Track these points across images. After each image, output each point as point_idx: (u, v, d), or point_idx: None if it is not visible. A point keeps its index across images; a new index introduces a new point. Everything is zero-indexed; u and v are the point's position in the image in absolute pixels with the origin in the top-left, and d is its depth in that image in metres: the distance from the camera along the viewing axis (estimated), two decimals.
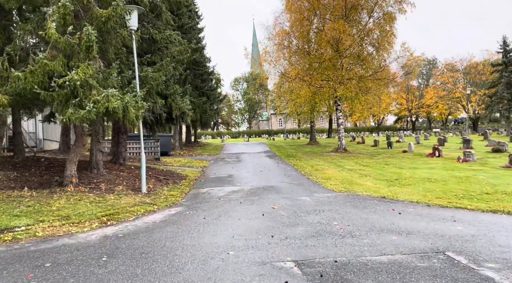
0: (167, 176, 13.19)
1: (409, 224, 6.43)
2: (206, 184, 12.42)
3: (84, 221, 7.25)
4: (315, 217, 7.12)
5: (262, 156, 23.27)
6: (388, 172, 13.90)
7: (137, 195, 9.70)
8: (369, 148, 27.25)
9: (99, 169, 11.10)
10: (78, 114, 7.81)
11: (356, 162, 17.78)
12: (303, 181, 12.49)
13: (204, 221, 7.11)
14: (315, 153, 23.92)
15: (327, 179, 12.54)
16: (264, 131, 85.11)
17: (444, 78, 64.61)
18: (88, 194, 9.03)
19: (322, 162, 18.11)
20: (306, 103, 22.57)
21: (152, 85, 10.49)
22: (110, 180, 10.76)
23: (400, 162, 17.56)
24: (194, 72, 27.14)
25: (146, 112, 10.81)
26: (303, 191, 10.46)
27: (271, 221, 6.92)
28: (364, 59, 21.17)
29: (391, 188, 10.50)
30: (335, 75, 20.80)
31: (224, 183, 12.50)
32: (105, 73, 8.88)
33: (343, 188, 10.80)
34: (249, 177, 13.86)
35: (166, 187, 11.39)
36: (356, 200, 8.92)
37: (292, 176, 13.92)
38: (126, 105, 8.45)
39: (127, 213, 7.93)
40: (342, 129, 22.64)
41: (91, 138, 11.29)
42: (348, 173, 14.18)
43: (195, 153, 26.65)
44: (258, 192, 10.43)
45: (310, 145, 31.61)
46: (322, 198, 9.23)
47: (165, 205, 8.90)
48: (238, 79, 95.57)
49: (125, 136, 13.55)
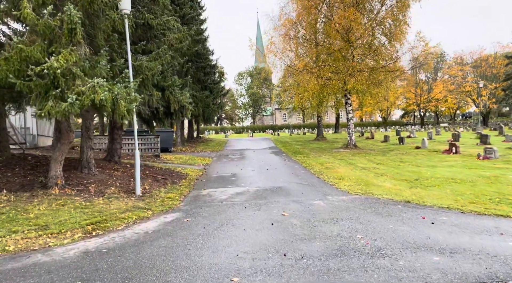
0: (166, 176, 12.18)
1: (449, 239, 5.35)
2: (207, 184, 11.40)
3: (65, 231, 6.25)
4: (333, 228, 6.07)
5: (267, 153, 22.21)
6: (406, 171, 12.79)
7: (130, 198, 8.69)
8: (380, 144, 26.09)
9: (90, 169, 10.11)
10: (59, 108, 6.79)
11: (369, 160, 16.67)
12: (313, 181, 11.43)
13: (203, 232, 6.08)
14: (324, 149, 22.81)
15: (340, 179, 11.47)
16: (268, 126, 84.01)
17: (453, 72, 62.91)
18: (74, 197, 8.03)
19: (332, 160, 17.02)
20: (314, 97, 21.42)
21: (147, 75, 9.44)
22: (101, 180, 9.76)
23: (416, 159, 16.43)
24: (196, 65, 26.05)
25: (140, 106, 9.78)
26: (315, 194, 9.40)
27: (282, 233, 5.87)
28: (376, 50, 19.95)
29: (414, 190, 9.40)
30: (345, 67, 19.62)
31: (227, 183, 11.47)
32: (92, 61, 7.84)
33: (359, 189, 9.73)
34: (255, 176, 12.82)
35: (164, 188, 10.38)
36: (376, 205, 7.85)
37: (300, 175, 12.86)
38: (116, 97, 7.42)
39: (117, 221, 6.92)
40: (352, 124, 21.51)
41: (81, 134, 10.29)
42: (361, 172, 13.09)
43: (198, 149, 25.64)
44: (265, 195, 9.39)
45: (317, 140, 30.48)
46: (338, 202, 8.17)
47: (160, 210, 7.89)
48: (242, 74, 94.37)
49: (120, 131, 12.55)
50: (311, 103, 21.98)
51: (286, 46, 22.79)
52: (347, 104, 21.44)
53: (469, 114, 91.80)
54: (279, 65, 22.83)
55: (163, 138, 22.10)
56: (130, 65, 9.00)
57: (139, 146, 19.80)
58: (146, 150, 19.85)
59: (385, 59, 20.33)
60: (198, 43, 25.51)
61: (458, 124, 72.49)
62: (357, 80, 19.11)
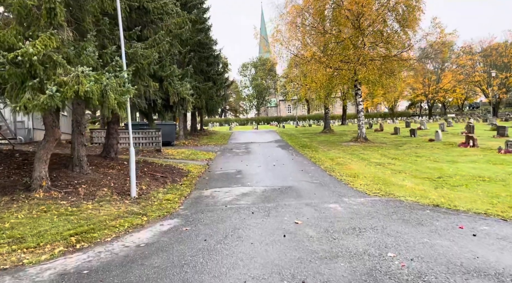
0: (166, 173, 11.29)
1: (502, 259, 4.40)
2: (210, 183, 10.50)
3: (44, 244, 5.38)
4: (357, 242, 5.14)
5: (273, 147, 21.26)
6: (425, 168, 11.81)
7: (124, 201, 7.80)
8: (390, 137, 25.04)
9: (82, 167, 9.23)
10: (37, 101, 5.86)
11: (382, 154, 15.68)
12: (325, 180, 10.49)
13: (204, 246, 5.18)
14: (332, 142, 21.82)
15: (355, 177, 10.51)
16: (273, 118, 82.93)
17: (462, 61, 61.18)
18: (60, 201, 7.15)
19: (342, 154, 16.04)
20: (322, 87, 20.36)
21: (143, 64, 8.48)
22: (94, 180, 8.88)
23: (432, 153, 15.41)
24: (199, 55, 25.03)
25: (135, 98, 8.84)
26: (329, 195, 8.47)
27: (297, 249, 4.96)
28: (388, 37, 18.78)
29: (440, 191, 8.43)
30: (355, 56, 18.50)
31: (232, 182, 10.57)
32: (78, 47, 6.89)
33: (378, 189, 8.78)
34: (261, 173, 11.90)
35: (163, 188, 9.49)
36: (401, 209, 6.90)
37: (310, 172, 11.92)
38: (105, 88, 6.49)
39: (106, 230, 6.04)
40: (363, 116, 20.43)
41: (72, 129, 9.40)
42: (377, 168, 12.12)
43: (201, 142, 24.74)
44: (273, 196, 8.47)
45: (325, 133, 29.45)
46: (357, 206, 7.23)
47: (157, 215, 7.00)
48: (246, 65, 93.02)
49: (116, 126, 11.64)
50: (319, 94, 20.90)
51: (292, 35, 21.66)
52: (357, 95, 20.37)
53: (476, 104, 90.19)
54: (285, 54, 21.75)
55: (164, 131, 21.22)
56: (123, 53, 8.04)
57: (139, 140, 18.97)
58: (146, 144, 19.00)
59: (398, 47, 19.17)
60: (200, 32, 24.47)
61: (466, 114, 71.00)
62: (368, 70, 18.01)
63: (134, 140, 18.90)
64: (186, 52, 22.44)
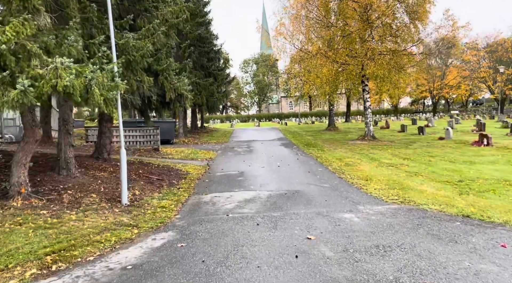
0: (162, 175, 10.47)
1: None
2: (210, 186, 9.67)
3: (13, 266, 4.57)
4: (384, 265, 4.31)
5: (276, 145, 20.42)
6: (442, 169, 10.96)
7: (114, 209, 6.98)
8: (397, 135, 24.16)
9: (69, 170, 8.41)
10: (7, 97, 5.03)
11: (392, 154, 14.82)
12: (335, 183, 9.66)
13: (202, 270, 4.36)
14: (338, 141, 20.96)
15: (367, 180, 9.68)
16: (275, 114, 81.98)
17: (468, 57, 60.05)
18: (40, 211, 6.33)
19: (350, 154, 15.19)
20: (327, 83, 19.46)
21: (135, 56, 7.63)
22: (82, 185, 8.07)
23: (446, 153, 14.55)
24: (199, 50, 24.14)
25: (127, 94, 8.00)
26: (341, 201, 7.63)
27: (313, 275, 4.13)
28: (398, 30, 17.85)
29: (466, 197, 7.59)
30: (363, 50, 17.60)
31: (234, 185, 9.74)
32: (59, 35, 6.04)
33: (395, 195, 7.95)
34: (265, 175, 11.07)
35: (158, 192, 8.67)
36: (427, 221, 6.06)
37: (318, 174, 11.09)
38: (89, 83, 5.65)
39: (89, 246, 5.23)
40: (370, 113, 19.56)
41: (58, 128, 8.58)
42: (389, 170, 11.28)
43: (201, 140, 23.91)
44: (280, 203, 7.64)
45: (329, 130, 28.57)
46: (375, 217, 6.40)
47: (150, 227, 6.18)
48: (248, 61, 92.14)
49: (109, 124, 10.80)
50: (325, 90, 20.04)
51: (296, 28, 20.75)
52: (364, 91, 19.48)
53: (480, 101, 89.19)
54: (288, 48, 20.85)
55: (163, 129, 20.41)
56: (113, 44, 7.19)
57: (136, 138, 18.16)
58: (144, 143, 18.18)
59: (408, 41, 18.24)
60: (201, 26, 23.59)
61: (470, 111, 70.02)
62: (377, 64, 17.11)
63: (130, 138, 18.11)
64: (185, 46, 21.59)
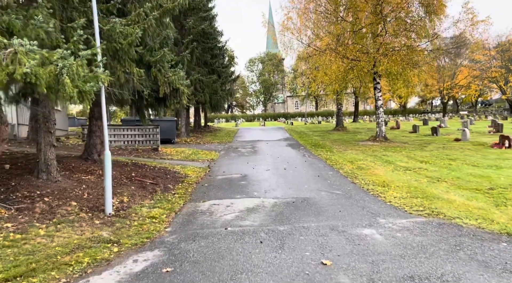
0: (157, 179, 9.51)
1: None
2: (209, 192, 8.68)
3: None
4: None
5: (282, 145, 19.40)
6: (467, 175, 9.87)
7: (94, 220, 6.01)
8: (410, 135, 23.01)
9: (49, 173, 7.47)
10: None
11: (408, 156, 13.74)
12: (348, 189, 8.63)
13: None
14: (347, 142, 19.87)
15: (385, 187, 8.64)
16: (280, 114, 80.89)
17: (479, 56, 58.44)
18: (4, 223, 5.37)
19: (362, 156, 14.14)
20: (337, 81, 18.38)
21: (122, 45, 6.66)
22: (63, 190, 7.12)
23: (466, 156, 13.43)
24: (203, 46, 23.18)
25: (114, 88, 7.03)
26: (358, 212, 6.61)
27: None
28: (413, 24, 16.71)
29: (504, 209, 6.52)
30: (376, 45, 16.51)
31: (235, 190, 8.74)
32: (26, 15, 5.09)
33: (420, 205, 6.90)
34: (270, 179, 10.07)
35: (150, 199, 7.70)
36: (465, 240, 5.02)
37: (329, 178, 10.06)
38: (60, 71, 4.69)
39: (53, 271, 4.27)
40: (382, 112, 18.43)
41: (38, 126, 7.64)
42: (407, 174, 10.21)
43: (204, 140, 22.95)
44: (287, 213, 6.64)
45: (337, 131, 27.45)
46: (401, 234, 5.37)
47: (133, 243, 5.20)
48: (253, 60, 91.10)
49: (100, 122, 9.86)
50: (335, 87, 18.98)
51: (304, 23, 19.67)
52: (376, 90, 18.38)
53: (488, 102, 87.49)
54: (296, 44, 19.78)
55: (164, 128, 19.49)
56: (97, 29, 6.23)
57: (134, 137, 17.25)
58: (143, 142, 17.26)
59: (423, 36, 17.10)
60: (204, 21, 22.63)
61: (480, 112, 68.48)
62: (390, 60, 16.02)
63: (128, 138, 17.20)
64: (188, 41, 20.65)
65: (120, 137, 17.21)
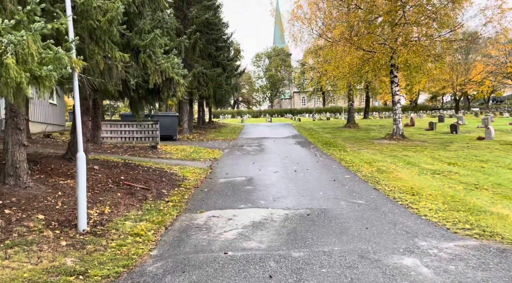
0: (151, 182, 8.30)
1: None
2: (209, 199, 7.45)
3: None
4: None
5: (291, 143, 18.13)
6: (509, 180, 8.52)
7: (61, 240, 4.80)
8: (427, 133, 21.58)
9: (18, 177, 6.29)
10: None
11: (432, 157, 12.39)
12: (372, 198, 7.35)
13: None
14: (361, 140, 18.52)
15: (414, 195, 7.35)
16: (287, 110, 79.53)
17: (493, 51, 56.33)
18: None
19: (380, 156, 12.82)
20: (351, 74, 17.00)
21: (100, 23, 5.42)
22: (32, 198, 5.93)
23: (497, 157, 12.06)
24: (207, 37, 21.89)
25: (89, 76, 5.78)
26: (390, 231, 5.33)
27: None
28: (436, 12, 15.22)
29: None
30: (394, 34, 15.10)
31: (239, 198, 7.51)
32: None
33: (465, 222, 5.61)
34: (279, 183, 8.82)
35: (137, 209, 6.49)
36: None
37: (346, 183, 8.79)
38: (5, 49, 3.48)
39: None
40: (400, 108, 17.04)
41: (5, 122, 6.45)
42: (437, 179, 8.89)
43: (207, 137, 21.73)
44: (302, 231, 5.39)
45: (348, 128, 26.06)
46: (455, 266, 4.09)
47: (104, 276, 4.00)
48: (260, 55, 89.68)
49: (85, 118, 8.66)
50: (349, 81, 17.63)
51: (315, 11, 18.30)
52: (393, 84, 16.96)
53: (500, 98, 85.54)
54: (306, 35, 18.41)
55: (165, 124, 18.34)
56: (69, 3, 4.99)
57: (132, 134, 16.10)
58: (141, 139, 16.11)
59: (446, 25, 15.62)
60: (208, 10, 21.32)
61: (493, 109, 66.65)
62: (411, 51, 14.59)
63: (125, 134, 16.05)
64: (191, 32, 19.37)
65: (117, 134, 16.05)
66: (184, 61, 21.60)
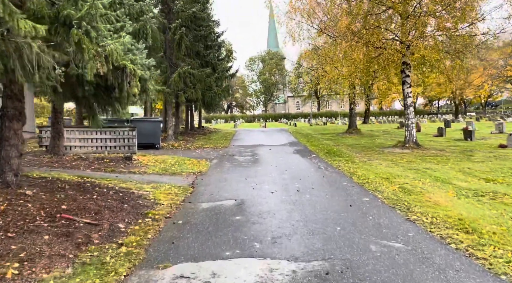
0: (105, 212, 6.06)
1: None
2: (180, 241, 5.22)
3: None
4: None
5: (289, 152, 15.96)
6: None
7: None
8: (438, 140, 19.54)
9: None
10: None
11: (461, 171, 10.29)
12: (410, 236, 5.19)
13: None
14: (368, 148, 16.40)
15: (470, 233, 5.22)
16: (281, 114, 77.47)
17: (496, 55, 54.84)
18: None
19: (397, 169, 10.70)
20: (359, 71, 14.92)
21: None
22: None
23: None
24: (194, 34, 19.73)
25: None
26: None
27: None
28: (452, 4, 13.22)
29: None
30: (407, 27, 13.08)
31: (225, 238, 5.29)
32: None
33: None
34: (280, 211, 6.63)
35: (67, 265, 4.26)
36: None
37: (368, 210, 6.62)
38: None
39: None
40: (413, 113, 14.93)
41: None
42: (486, 205, 6.77)
43: (195, 144, 19.48)
44: None
45: (350, 134, 23.97)
46: None
47: None
48: (254, 59, 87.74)
49: (16, 125, 6.30)
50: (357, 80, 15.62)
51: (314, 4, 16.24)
52: (405, 84, 14.89)
53: (496, 103, 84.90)
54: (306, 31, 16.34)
55: (145, 130, 16.13)
56: None
57: (105, 142, 13.84)
58: (115, 147, 13.85)
59: (466, 18, 13.63)
60: (196, 3, 19.18)
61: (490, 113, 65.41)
62: (428, 46, 12.56)
63: (97, 142, 13.78)
64: (176, 26, 17.23)
65: (88, 142, 13.74)
66: (168, 59, 19.41)
